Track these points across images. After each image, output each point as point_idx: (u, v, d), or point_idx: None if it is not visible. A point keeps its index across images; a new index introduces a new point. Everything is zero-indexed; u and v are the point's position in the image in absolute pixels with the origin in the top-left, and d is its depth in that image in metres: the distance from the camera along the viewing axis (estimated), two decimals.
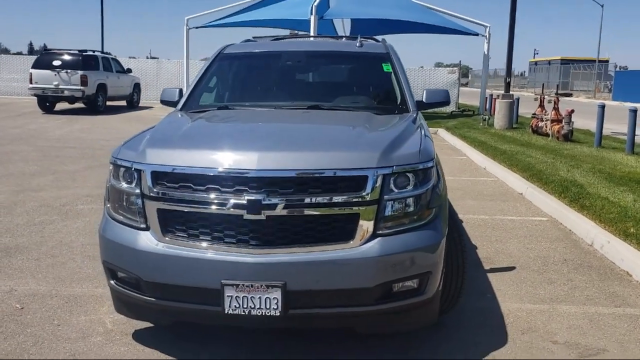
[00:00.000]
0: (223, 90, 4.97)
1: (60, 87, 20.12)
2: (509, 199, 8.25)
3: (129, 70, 23.97)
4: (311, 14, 19.19)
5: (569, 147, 12.51)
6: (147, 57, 31.86)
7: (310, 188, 3.11)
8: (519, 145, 12.80)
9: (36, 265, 5.04)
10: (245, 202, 3.07)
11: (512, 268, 5.20)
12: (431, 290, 3.36)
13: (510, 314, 4.17)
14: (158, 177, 3.23)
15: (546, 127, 14.54)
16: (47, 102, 20.72)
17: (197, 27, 24.26)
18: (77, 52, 20.91)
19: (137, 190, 3.30)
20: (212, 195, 3.14)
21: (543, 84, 17.82)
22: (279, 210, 3.08)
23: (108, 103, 22.14)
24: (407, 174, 3.24)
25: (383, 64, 4.83)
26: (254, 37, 5.72)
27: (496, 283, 4.80)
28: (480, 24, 23.17)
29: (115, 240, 3.36)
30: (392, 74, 4.74)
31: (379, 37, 5.62)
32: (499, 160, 10.74)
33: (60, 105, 22.10)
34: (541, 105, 15.53)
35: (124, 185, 3.38)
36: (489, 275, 4.99)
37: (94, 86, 20.65)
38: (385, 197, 3.17)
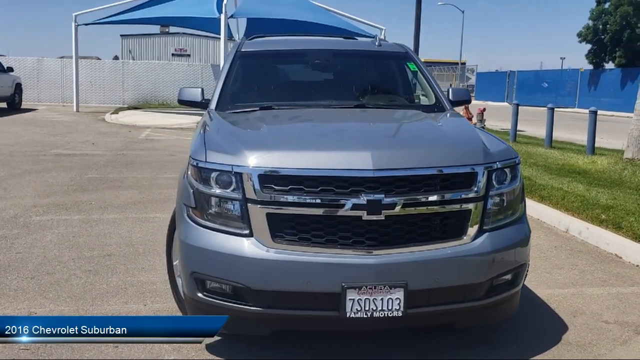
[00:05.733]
0: (254, 89, 4.76)
1: None
2: None
3: (10, 69, 21.92)
4: (220, 12, 18.75)
5: None
6: None
7: (424, 186, 3.11)
8: None
9: (37, 285, 4.52)
10: (365, 202, 3.00)
11: None
12: (521, 282, 3.50)
13: (551, 299, 4.42)
14: (266, 180, 3.05)
15: None
16: None
17: (86, 24, 22.75)
18: None
19: (238, 195, 3.09)
20: (327, 197, 3.03)
21: (450, 85, 18.87)
22: (398, 210, 3.05)
23: None
24: (505, 169, 3.35)
25: (408, 63, 4.90)
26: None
27: None
28: (376, 27, 23.90)
29: (210, 249, 3.12)
30: (419, 72, 4.83)
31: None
32: None
33: None
34: None
35: (217, 190, 3.15)
36: None
37: None
38: (490, 192, 3.25)
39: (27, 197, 7.60)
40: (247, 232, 3.09)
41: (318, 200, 3.03)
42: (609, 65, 42.61)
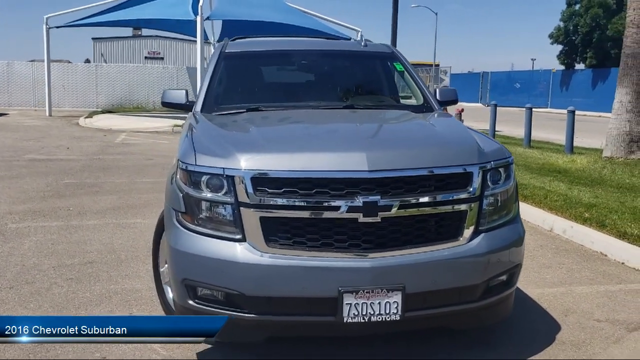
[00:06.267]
0: (240, 90, 4.66)
1: None
2: None
3: None
4: (196, 14, 18.54)
5: None
6: None
7: (420, 187, 3.06)
8: None
9: (17, 295, 4.36)
10: (361, 204, 2.93)
11: None
12: (516, 282, 3.47)
13: (541, 299, 4.41)
14: (259, 183, 2.97)
15: None
16: None
17: (58, 27, 22.34)
18: None
19: (230, 199, 3.00)
20: (322, 199, 2.95)
21: (428, 86, 18.96)
22: (394, 212, 2.99)
23: None
24: (500, 169, 3.32)
25: (395, 64, 4.87)
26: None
27: None
28: (353, 29, 23.96)
29: (201, 255, 3.02)
30: (406, 72, 4.80)
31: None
32: None
33: None
34: None
35: (208, 194, 3.05)
36: None
37: None
38: (485, 192, 3.22)
39: (1, 203, 7.39)
40: (239, 236, 3.01)
41: (313, 203, 2.95)
42: (580, 66, 43.37)
